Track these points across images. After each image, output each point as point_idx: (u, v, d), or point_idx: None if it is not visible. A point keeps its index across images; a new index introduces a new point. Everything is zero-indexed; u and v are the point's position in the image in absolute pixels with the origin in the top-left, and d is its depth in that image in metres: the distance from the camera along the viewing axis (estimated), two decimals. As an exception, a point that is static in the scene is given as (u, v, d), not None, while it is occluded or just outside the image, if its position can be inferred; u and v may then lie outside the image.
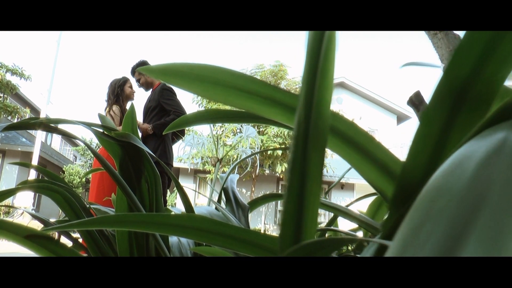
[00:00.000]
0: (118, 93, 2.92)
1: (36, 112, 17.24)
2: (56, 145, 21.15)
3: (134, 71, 3.06)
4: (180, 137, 3.10)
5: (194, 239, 0.43)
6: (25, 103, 16.92)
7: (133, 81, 3.07)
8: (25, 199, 9.79)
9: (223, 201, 0.83)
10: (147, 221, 0.42)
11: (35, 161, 10.90)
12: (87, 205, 0.75)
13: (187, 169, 12.27)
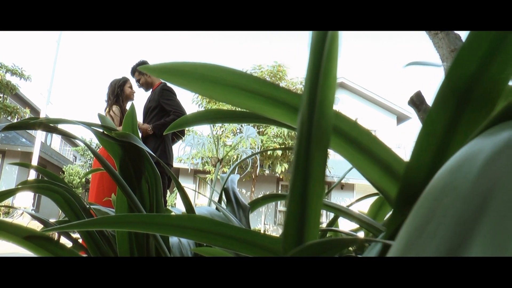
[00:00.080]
0: (118, 93, 2.92)
1: (36, 112, 17.24)
2: (56, 145, 21.14)
3: (134, 71, 3.05)
4: (180, 137, 3.10)
5: (194, 240, 0.43)
6: (25, 103, 16.92)
7: (133, 81, 3.06)
8: (25, 200, 9.79)
9: (223, 201, 0.83)
10: (148, 222, 0.42)
11: (35, 161, 10.90)
12: (87, 205, 0.75)
13: (187, 169, 12.27)
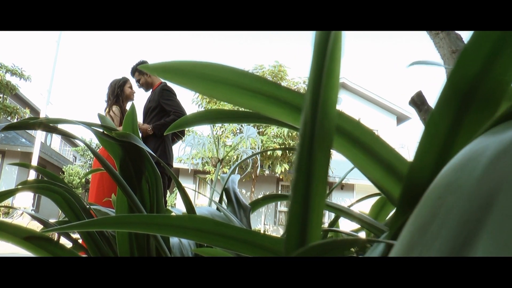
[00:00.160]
0: (118, 93, 2.91)
1: (35, 112, 17.23)
2: (55, 145, 21.14)
3: (134, 71, 3.05)
4: (180, 138, 3.09)
5: (195, 240, 0.42)
6: (24, 103, 16.91)
7: (133, 82, 3.06)
8: (25, 200, 9.78)
9: (224, 201, 0.83)
10: (148, 222, 0.41)
11: (34, 161, 10.90)
12: (87, 205, 0.75)
13: (186, 169, 12.26)
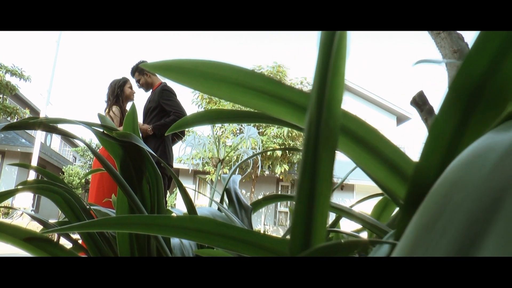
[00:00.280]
0: (118, 93, 2.91)
1: (35, 113, 17.23)
2: (55, 146, 21.13)
3: (134, 71, 3.04)
4: (181, 138, 3.09)
5: (197, 241, 0.42)
6: (24, 104, 16.92)
7: (133, 82, 3.05)
8: (25, 200, 9.78)
9: (225, 202, 0.82)
10: (149, 223, 0.41)
11: (34, 162, 10.89)
12: (87, 206, 0.74)
13: (186, 170, 12.26)
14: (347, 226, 1.00)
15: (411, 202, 0.27)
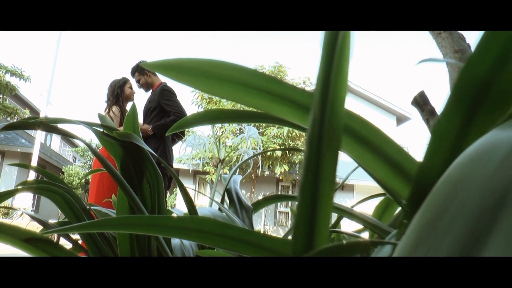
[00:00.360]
0: (118, 94, 2.90)
1: (35, 113, 17.22)
2: (55, 146, 21.13)
3: (134, 71, 3.04)
4: (181, 138, 3.08)
5: (198, 242, 0.42)
6: (24, 104, 16.91)
7: (133, 82, 3.05)
8: (24, 200, 9.77)
9: (226, 202, 0.82)
10: (150, 224, 0.41)
11: (34, 162, 10.89)
12: (87, 206, 0.74)
13: (186, 170, 12.26)
14: (348, 226, 1.00)
15: (415, 202, 0.26)
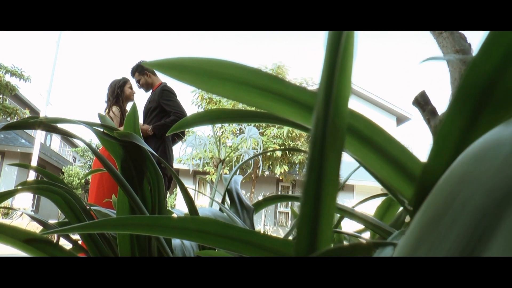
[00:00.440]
0: (118, 94, 2.90)
1: (35, 113, 17.22)
2: (55, 146, 21.12)
3: (134, 71, 3.03)
4: (181, 138, 3.08)
5: (199, 242, 0.42)
6: (24, 104, 16.91)
7: (133, 82, 3.05)
8: (24, 201, 9.77)
9: (226, 202, 0.82)
10: (151, 224, 0.40)
11: (34, 162, 10.88)
12: (87, 206, 0.74)
13: (186, 170, 12.25)
14: (348, 226, 1.00)
15: (419, 202, 0.26)
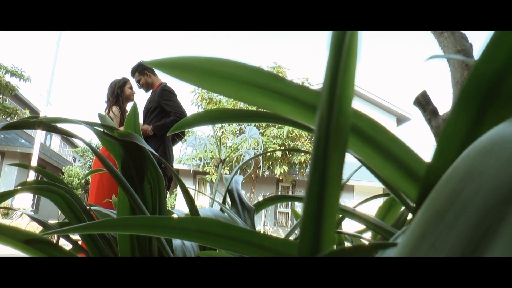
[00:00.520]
0: (118, 94, 2.90)
1: (35, 113, 17.22)
2: (55, 146, 21.12)
3: (134, 72, 3.03)
4: (181, 138, 3.08)
5: (200, 242, 0.41)
6: (24, 104, 16.92)
7: (133, 82, 3.04)
8: (24, 201, 9.76)
9: (227, 202, 0.82)
10: (151, 224, 0.40)
11: (34, 162, 10.88)
12: (87, 206, 0.73)
13: (187, 170, 12.26)
14: (348, 226, 1.00)
15: (422, 201, 0.26)
